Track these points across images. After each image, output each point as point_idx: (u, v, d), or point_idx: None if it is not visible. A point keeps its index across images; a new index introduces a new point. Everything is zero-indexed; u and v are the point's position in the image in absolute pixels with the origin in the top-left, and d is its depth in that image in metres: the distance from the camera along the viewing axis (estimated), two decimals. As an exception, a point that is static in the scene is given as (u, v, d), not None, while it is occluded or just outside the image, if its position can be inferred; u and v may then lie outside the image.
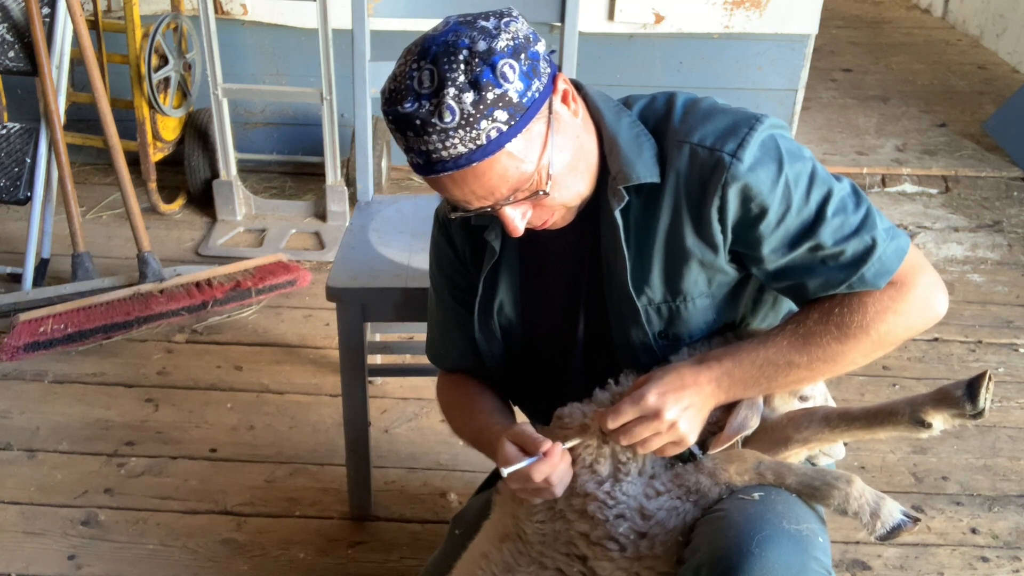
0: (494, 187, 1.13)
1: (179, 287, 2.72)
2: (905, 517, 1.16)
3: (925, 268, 1.23)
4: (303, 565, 1.95)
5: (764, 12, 3.41)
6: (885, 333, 1.20)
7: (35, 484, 2.16)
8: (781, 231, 1.19)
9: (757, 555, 1.06)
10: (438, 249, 1.44)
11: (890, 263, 1.20)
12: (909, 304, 1.21)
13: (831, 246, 1.19)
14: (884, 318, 1.20)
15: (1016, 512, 2.11)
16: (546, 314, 1.37)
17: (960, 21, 5.58)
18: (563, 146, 1.16)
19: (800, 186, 1.18)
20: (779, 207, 1.18)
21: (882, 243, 1.19)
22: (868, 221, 1.20)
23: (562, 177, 1.17)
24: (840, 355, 1.20)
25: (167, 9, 3.27)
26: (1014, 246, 3.27)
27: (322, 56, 3.00)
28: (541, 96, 1.12)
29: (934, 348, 2.69)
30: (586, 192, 1.23)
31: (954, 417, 1.15)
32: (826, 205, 1.19)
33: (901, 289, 1.21)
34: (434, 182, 1.15)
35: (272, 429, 2.34)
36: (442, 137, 1.07)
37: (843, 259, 1.19)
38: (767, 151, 1.18)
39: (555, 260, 1.34)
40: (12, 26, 2.72)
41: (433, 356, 1.54)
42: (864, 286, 1.20)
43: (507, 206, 1.16)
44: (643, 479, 1.21)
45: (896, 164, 3.75)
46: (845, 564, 1.96)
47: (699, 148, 1.19)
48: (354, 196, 2.26)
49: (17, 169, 2.80)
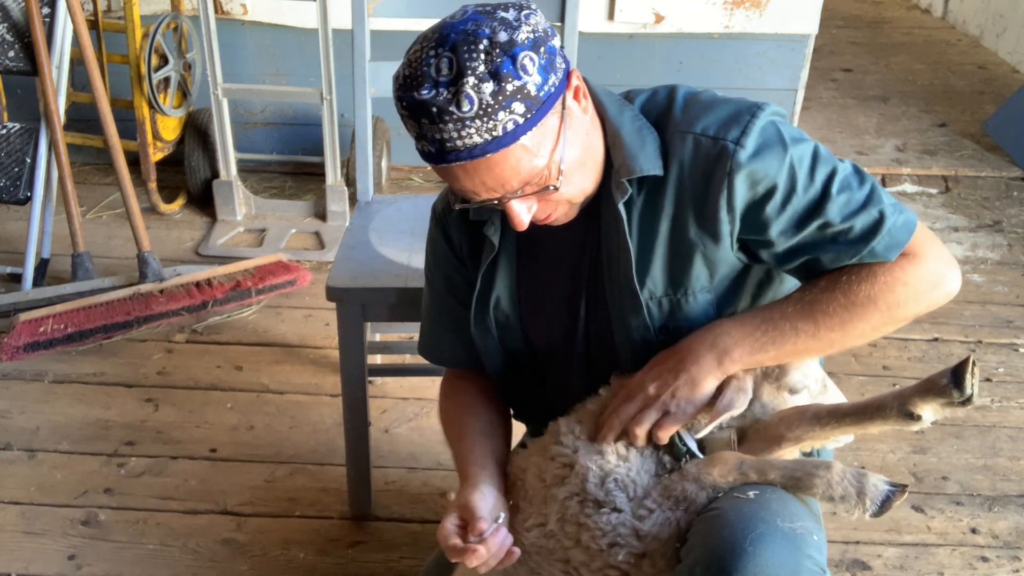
0: (505, 179, 1.13)
1: (179, 287, 2.72)
2: (891, 487, 1.15)
3: (935, 243, 1.23)
4: (303, 565, 1.95)
5: (764, 12, 3.41)
6: (894, 304, 1.20)
7: (35, 484, 2.16)
8: (789, 212, 1.19)
9: (751, 553, 1.05)
10: (434, 245, 1.44)
11: (900, 235, 1.20)
12: (920, 276, 1.20)
13: (839, 223, 1.19)
14: (893, 289, 1.19)
15: (1016, 512, 2.11)
16: (546, 310, 1.36)
17: (960, 21, 5.58)
18: (574, 142, 1.17)
19: (804, 166, 1.19)
20: (785, 188, 1.18)
21: (891, 216, 1.19)
22: (874, 196, 1.20)
23: (571, 173, 1.18)
24: (848, 324, 1.20)
25: (167, 9, 3.27)
26: (1014, 246, 3.27)
27: (322, 56, 3.00)
28: (556, 91, 1.12)
29: (934, 348, 2.69)
30: (591, 188, 1.24)
31: (943, 406, 1.14)
32: (831, 183, 1.19)
33: (913, 260, 1.20)
34: (444, 171, 1.14)
35: (272, 429, 2.34)
36: (458, 126, 1.07)
37: (852, 234, 1.19)
38: (769, 136, 1.19)
39: (555, 255, 1.34)
40: (12, 26, 2.72)
41: (425, 350, 1.54)
42: (875, 259, 1.20)
43: (515, 199, 1.16)
44: (633, 503, 1.20)
45: (896, 164, 3.75)
46: (845, 564, 1.96)
47: (703, 138, 1.19)
48: (354, 196, 2.26)
49: (17, 169, 2.80)
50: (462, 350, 1.45)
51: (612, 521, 1.18)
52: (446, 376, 1.54)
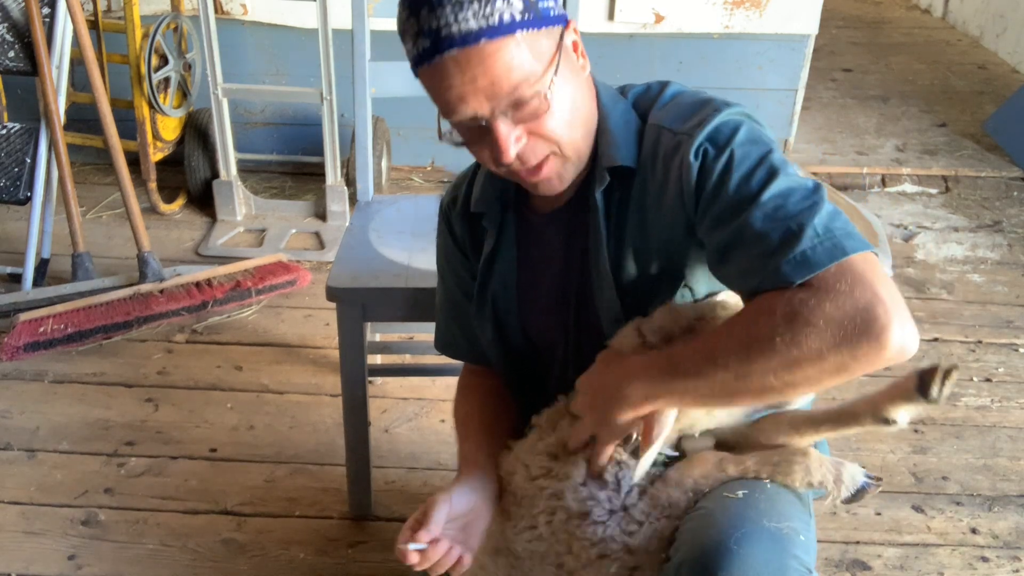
0: (498, 78, 1.09)
1: (179, 287, 2.72)
2: (868, 479, 1.17)
3: (882, 285, 0.99)
4: (303, 565, 1.95)
5: (764, 12, 3.41)
6: (795, 345, 0.98)
7: (35, 484, 2.16)
8: (717, 206, 1.12)
9: (736, 552, 1.05)
10: (441, 238, 1.46)
11: (816, 257, 1.01)
12: (829, 315, 0.97)
13: (758, 227, 1.06)
14: (792, 326, 0.99)
15: (1016, 512, 2.11)
16: (541, 302, 1.37)
17: (960, 21, 5.58)
18: (567, 80, 1.15)
19: (744, 164, 1.12)
20: (717, 179, 1.12)
21: (813, 234, 1.02)
22: (810, 212, 1.05)
23: (562, 109, 1.15)
24: (744, 367, 1.02)
25: (167, 9, 3.27)
26: (1014, 246, 3.27)
27: (322, 56, 3.00)
28: (555, 18, 1.13)
29: (934, 348, 2.69)
30: (582, 147, 1.21)
31: (915, 409, 1.14)
32: (766, 186, 1.08)
33: (826, 293, 0.98)
34: (437, 70, 1.11)
35: (272, 429, 2.34)
36: (455, 9, 1.07)
37: (765, 245, 1.05)
38: (722, 130, 1.15)
39: (550, 249, 1.34)
40: (12, 26, 2.72)
41: (440, 345, 1.56)
42: (778, 280, 1.02)
43: (502, 120, 1.12)
44: (618, 516, 1.19)
45: (896, 164, 3.75)
46: (845, 564, 1.96)
47: (665, 131, 1.19)
48: (354, 196, 2.26)
49: (17, 169, 2.80)
50: (474, 344, 1.46)
51: (599, 533, 1.18)
52: (462, 372, 1.55)
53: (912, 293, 2.97)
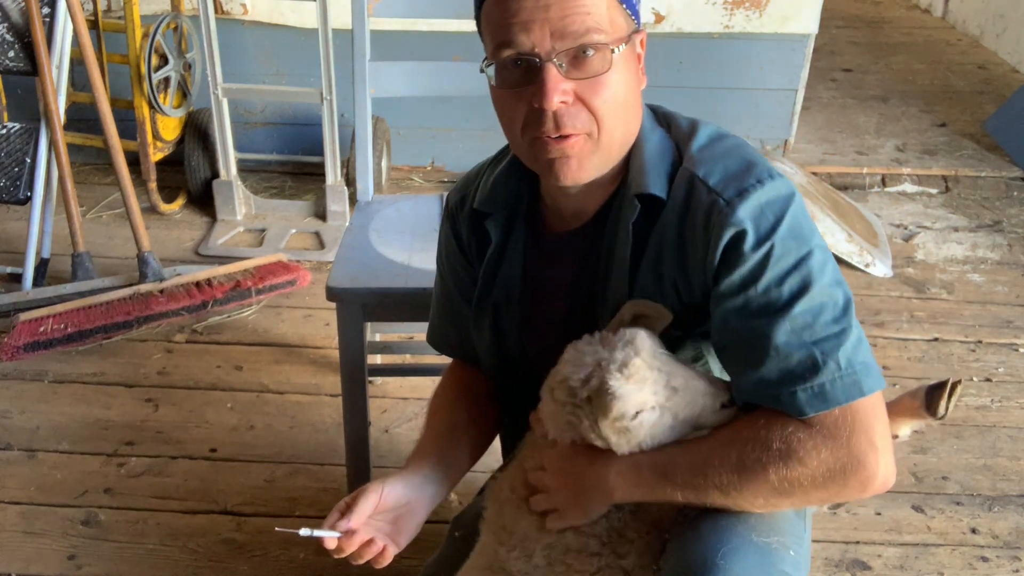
0: (573, 12, 1.05)
1: (179, 287, 2.72)
2: None
3: (877, 431, 1.04)
4: (303, 565, 1.95)
5: (764, 12, 3.41)
6: (786, 483, 1.04)
7: (35, 484, 2.16)
8: (741, 298, 1.07)
9: (721, 567, 1.04)
10: (444, 237, 1.44)
11: (833, 394, 1.02)
12: (824, 460, 1.02)
13: (781, 342, 1.04)
14: (788, 463, 1.03)
15: (1016, 512, 2.11)
16: (543, 324, 1.34)
17: (960, 21, 5.58)
18: (629, 71, 1.13)
19: (781, 264, 1.05)
20: (749, 273, 1.06)
21: (835, 367, 1.02)
22: (836, 340, 1.03)
23: (617, 90, 1.10)
24: (735, 492, 1.06)
25: (167, 9, 3.27)
26: (1014, 246, 3.27)
27: (322, 56, 3.00)
28: (637, 10, 1.14)
29: (934, 348, 2.69)
30: (616, 146, 1.16)
31: (921, 424, 1.14)
32: (797, 299, 1.04)
33: (826, 438, 1.02)
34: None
35: (272, 429, 2.34)
36: None
37: (784, 363, 1.03)
38: (767, 213, 1.07)
39: (560, 273, 1.30)
40: (12, 26, 2.72)
41: (431, 339, 1.54)
42: (791, 408, 1.04)
43: (556, 68, 1.06)
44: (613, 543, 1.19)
45: (896, 164, 3.75)
46: (845, 564, 1.96)
47: (700, 183, 1.11)
48: (354, 196, 2.26)
49: (17, 169, 2.80)
50: (465, 343, 1.45)
51: (595, 564, 1.18)
52: (449, 366, 1.53)
53: (912, 293, 2.97)
